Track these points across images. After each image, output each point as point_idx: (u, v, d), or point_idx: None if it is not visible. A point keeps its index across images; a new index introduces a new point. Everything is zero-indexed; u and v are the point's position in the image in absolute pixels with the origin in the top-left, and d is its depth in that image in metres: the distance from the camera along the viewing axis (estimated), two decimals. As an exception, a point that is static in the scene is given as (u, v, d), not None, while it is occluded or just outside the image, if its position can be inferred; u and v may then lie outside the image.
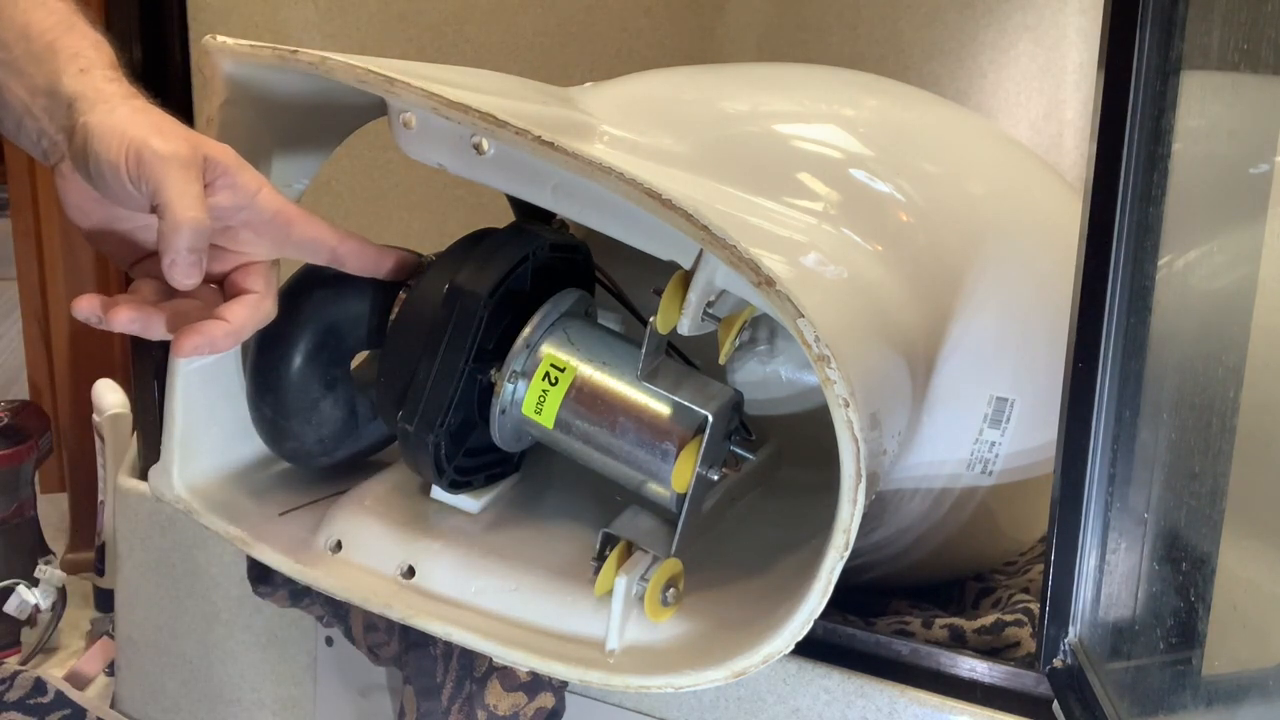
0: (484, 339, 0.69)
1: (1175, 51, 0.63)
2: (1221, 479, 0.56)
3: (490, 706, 0.76)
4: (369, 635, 0.84)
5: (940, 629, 0.79)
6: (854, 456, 0.57)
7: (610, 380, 0.69)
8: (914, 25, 1.46)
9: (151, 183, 0.58)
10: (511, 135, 0.61)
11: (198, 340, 0.61)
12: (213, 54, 0.68)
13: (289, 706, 1.01)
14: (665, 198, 0.58)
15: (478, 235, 0.73)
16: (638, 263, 0.68)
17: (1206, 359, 0.59)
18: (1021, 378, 0.78)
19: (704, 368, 0.73)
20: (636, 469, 0.69)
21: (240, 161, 0.63)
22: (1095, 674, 0.68)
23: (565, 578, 0.70)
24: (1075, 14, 1.39)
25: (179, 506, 0.76)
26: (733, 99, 0.83)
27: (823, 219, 0.74)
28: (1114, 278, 0.66)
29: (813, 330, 0.56)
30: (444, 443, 0.70)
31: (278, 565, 0.73)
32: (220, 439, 0.78)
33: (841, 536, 0.58)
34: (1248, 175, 0.57)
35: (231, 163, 0.62)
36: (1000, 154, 0.89)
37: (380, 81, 0.63)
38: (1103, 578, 0.70)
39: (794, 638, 0.61)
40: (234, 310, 0.64)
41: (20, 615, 1.21)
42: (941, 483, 0.79)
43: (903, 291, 0.73)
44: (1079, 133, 1.41)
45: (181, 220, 0.58)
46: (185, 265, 0.59)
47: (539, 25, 1.36)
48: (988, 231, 0.79)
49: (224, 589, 1.02)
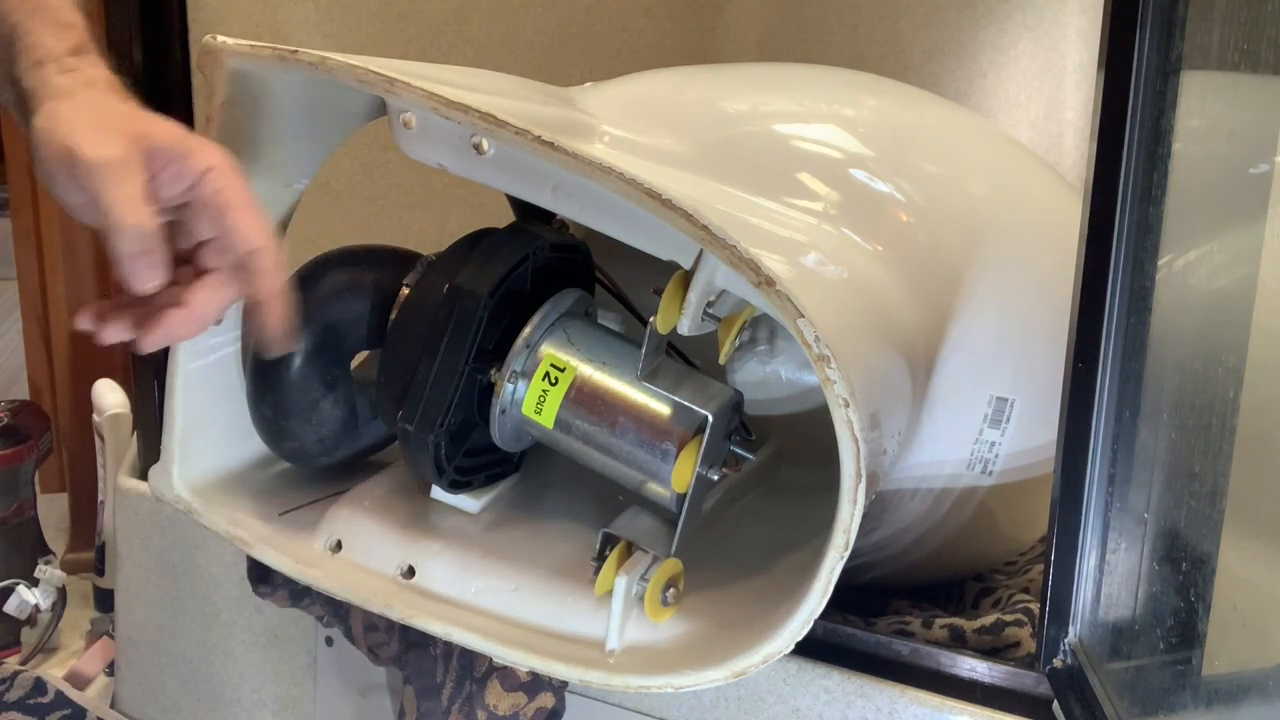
0: (484, 339, 0.69)
1: (1175, 51, 0.63)
2: (1221, 479, 0.56)
3: (490, 706, 0.76)
4: (369, 635, 0.84)
5: (940, 629, 0.79)
6: (854, 456, 0.57)
7: (610, 380, 0.69)
8: (914, 25, 1.46)
9: (89, 191, 0.55)
10: (511, 135, 0.61)
11: (156, 335, 0.58)
12: (212, 54, 0.68)
13: (289, 706, 1.01)
14: (665, 198, 0.58)
15: (478, 235, 0.73)
16: (638, 263, 0.68)
17: (1206, 359, 0.59)
18: (1021, 378, 0.78)
19: (704, 368, 0.73)
20: (636, 469, 0.69)
21: (189, 144, 0.58)
22: (1095, 674, 0.68)
23: (565, 578, 0.70)
24: (1075, 14, 1.39)
25: (179, 506, 0.76)
26: (733, 99, 0.83)
27: (823, 219, 0.74)
28: (1114, 278, 0.66)
29: (813, 330, 0.56)
30: (444, 443, 0.70)
31: (278, 565, 0.73)
32: (220, 439, 0.78)
33: (841, 536, 0.58)
34: (1248, 175, 0.57)
35: (177, 147, 0.57)
36: (1000, 154, 0.89)
37: (380, 81, 0.63)
38: (1103, 578, 0.70)
39: (794, 638, 0.61)
40: (194, 294, 0.59)
41: (20, 615, 1.21)
42: (941, 483, 0.79)
43: (903, 291, 0.73)
44: (1079, 133, 1.41)
45: (118, 226, 0.54)
46: (137, 270, 0.55)
47: (539, 25, 1.36)
48: (988, 231, 0.79)
49: (224, 589, 1.02)
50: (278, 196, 0.75)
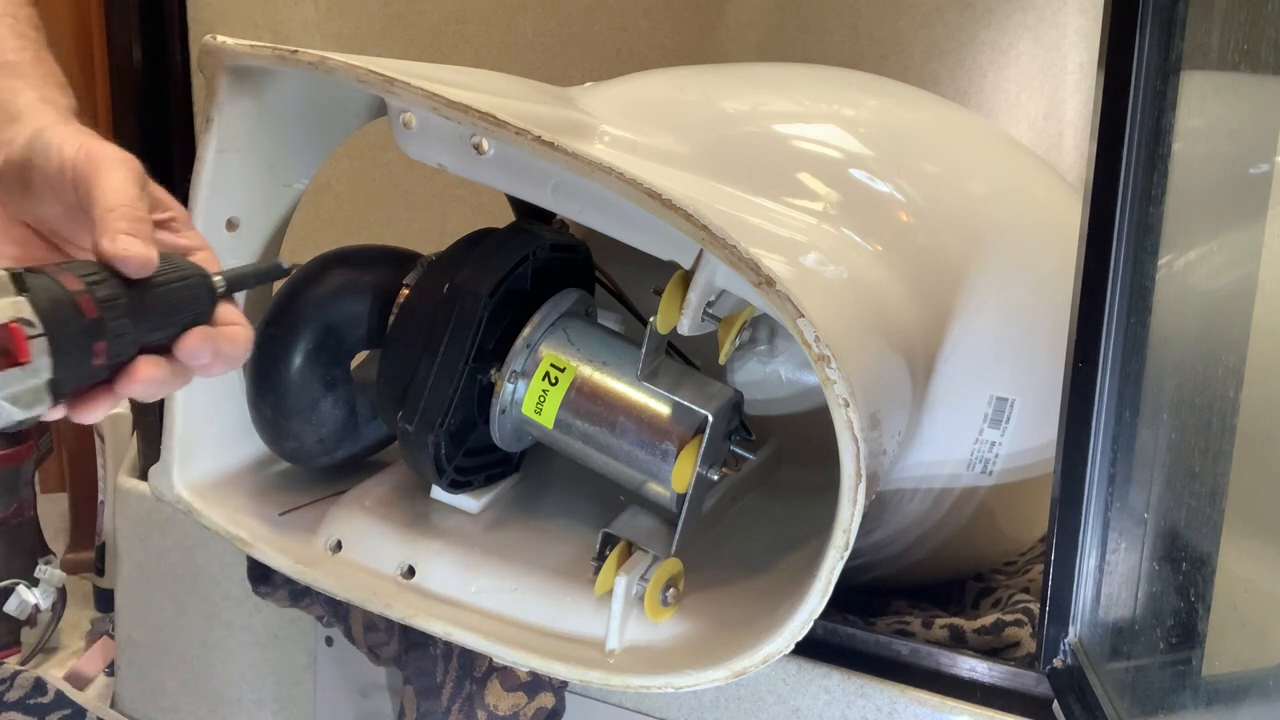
0: (484, 339, 0.69)
1: (1175, 51, 0.63)
2: (1221, 479, 0.56)
3: (490, 706, 0.76)
4: (369, 635, 0.84)
5: (940, 629, 0.79)
6: (854, 456, 0.57)
7: (610, 380, 0.69)
8: (914, 25, 1.46)
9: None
10: (511, 135, 0.61)
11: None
12: (213, 53, 0.68)
13: (289, 706, 1.01)
14: (665, 198, 0.58)
15: (478, 235, 0.73)
16: (638, 263, 0.68)
17: (1206, 359, 0.59)
18: (1021, 378, 0.78)
19: (704, 368, 0.73)
20: (637, 469, 0.69)
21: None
22: (1095, 674, 0.68)
23: (565, 578, 0.70)
24: (1075, 14, 1.40)
25: (179, 506, 0.76)
26: (733, 99, 0.83)
27: (823, 219, 0.74)
28: (1114, 278, 0.66)
29: (813, 330, 0.56)
30: (444, 443, 0.70)
31: (278, 565, 0.73)
32: (220, 439, 0.78)
33: (841, 536, 0.58)
34: (1248, 175, 0.57)
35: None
36: (1000, 154, 0.89)
37: (380, 81, 0.63)
38: (1103, 578, 0.70)
39: (794, 638, 0.61)
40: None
41: (20, 615, 1.21)
42: (941, 483, 0.79)
43: (903, 291, 0.73)
44: (1079, 133, 1.41)
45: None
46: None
47: (539, 25, 1.36)
48: (988, 231, 0.79)
49: (224, 589, 1.02)
50: (278, 196, 0.75)
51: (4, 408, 0.43)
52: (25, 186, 0.54)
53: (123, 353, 0.48)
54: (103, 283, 0.47)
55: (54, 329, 0.44)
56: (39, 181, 0.54)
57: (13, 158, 0.55)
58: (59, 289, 0.46)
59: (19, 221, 0.56)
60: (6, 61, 0.60)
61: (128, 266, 0.49)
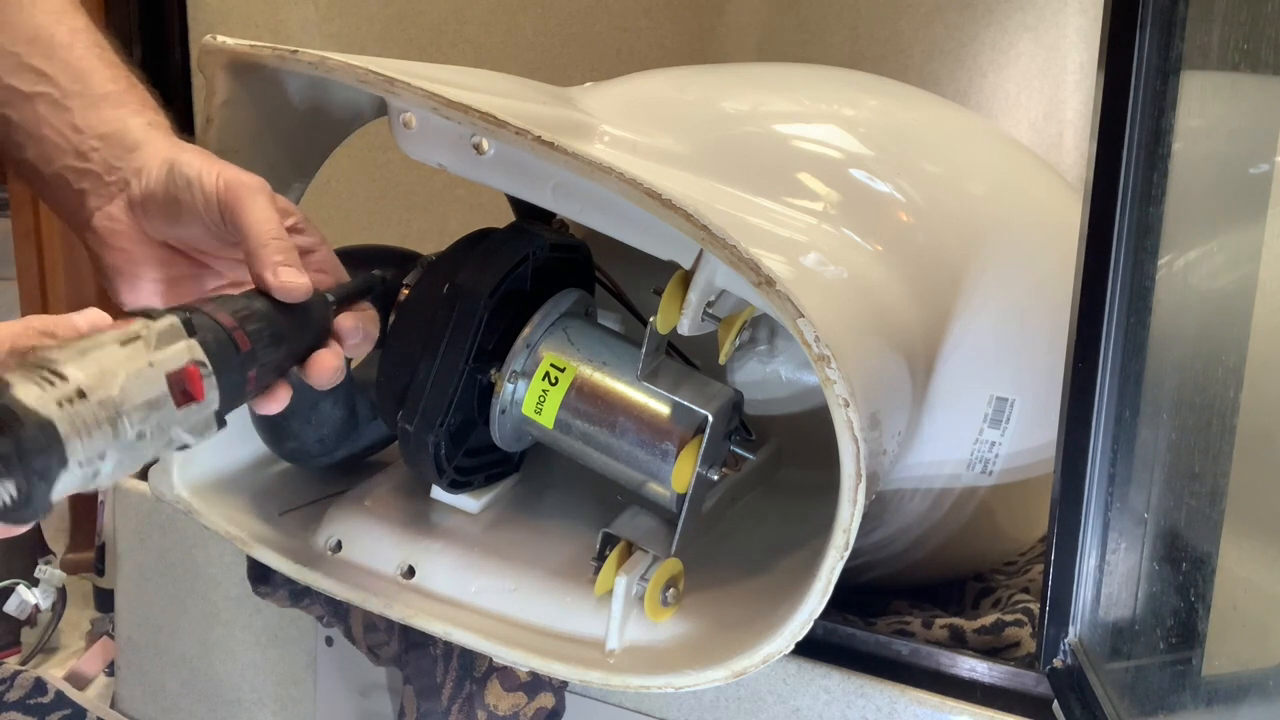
0: (484, 339, 0.69)
1: (1175, 51, 0.63)
2: (1221, 479, 0.56)
3: (490, 706, 0.76)
4: (369, 635, 0.84)
5: (940, 629, 0.79)
6: (854, 456, 0.57)
7: (610, 380, 0.69)
8: (914, 25, 1.46)
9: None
10: (511, 135, 0.61)
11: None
12: (213, 53, 0.68)
13: (289, 706, 1.01)
14: (665, 198, 0.58)
15: (478, 235, 0.73)
16: (638, 263, 0.68)
17: (1206, 359, 0.59)
18: (1021, 378, 0.78)
19: (704, 368, 0.73)
20: (636, 469, 0.69)
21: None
22: (1095, 674, 0.68)
23: (565, 578, 0.70)
24: (1075, 14, 1.40)
25: (179, 506, 0.76)
26: (733, 99, 0.83)
27: (823, 219, 0.74)
28: (1114, 278, 0.66)
29: (813, 330, 0.56)
30: (444, 443, 0.70)
31: (278, 565, 0.73)
32: (220, 439, 0.77)
33: (841, 536, 0.58)
34: (1248, 175, 0.57)
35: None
36: (1000, 154, 0.89)
37: (380, 81, 0.63)
38: (1103, 578, 0.70)
39: (794, 638, 0.61)
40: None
41: (20, 615, 1.21)
42: (941, 483, 0.79)
43: (903, 291, 0.73)
44: (1079, 133, 1.41)
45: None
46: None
47: (539, 25, 1.36)
48: (988, 231, 0.79)
49: (224, 589, 1.02)
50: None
51: (181, 436, 0.48)
52: (168, 215, 0.60)
53: (267, 377, 0.55)
54: (250, 316, 0.53)
55: (219, 366, 0.50)
56: (185, 211, 0.59)
57: (151, 189, 0.60)
58: (220, 329, 0.51)
59: (158, 242, 0.62)
60: (108, 93, 0.63)
61: (289, 296, 0.55)
